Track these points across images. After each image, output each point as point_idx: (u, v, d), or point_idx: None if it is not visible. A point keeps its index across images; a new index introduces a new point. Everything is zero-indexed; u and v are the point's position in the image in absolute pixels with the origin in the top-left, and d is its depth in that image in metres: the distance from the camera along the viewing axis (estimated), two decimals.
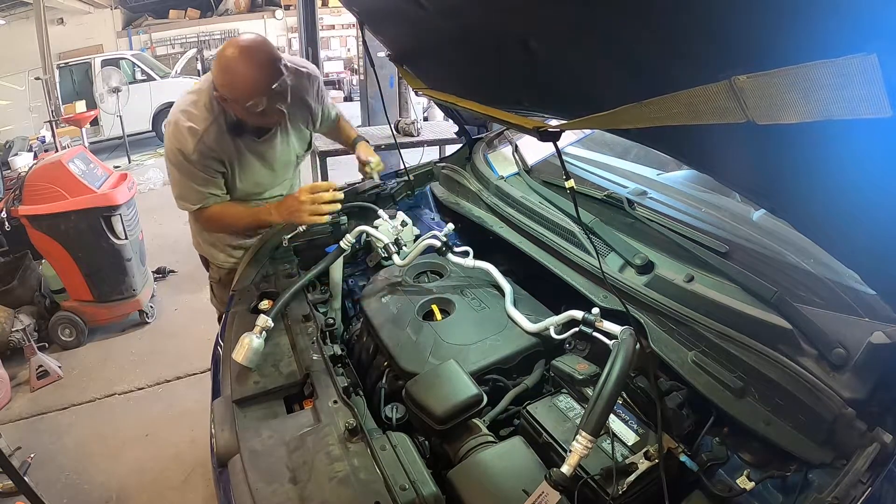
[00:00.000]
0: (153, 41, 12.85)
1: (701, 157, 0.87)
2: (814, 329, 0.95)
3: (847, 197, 0.67)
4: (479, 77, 1.33)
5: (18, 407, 2.96)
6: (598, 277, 1.31)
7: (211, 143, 1.64)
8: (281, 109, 1.55)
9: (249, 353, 1.29)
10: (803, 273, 1.14)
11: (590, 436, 0.90)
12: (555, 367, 1.23)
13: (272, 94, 1.50)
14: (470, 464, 1.05)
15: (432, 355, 1.29)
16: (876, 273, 0.80)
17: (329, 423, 1.11)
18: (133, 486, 2.37)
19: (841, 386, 0.90)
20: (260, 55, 1.49)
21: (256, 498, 0.97)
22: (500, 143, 2.15)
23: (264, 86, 1.48)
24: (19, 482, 1.88)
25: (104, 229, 3.29)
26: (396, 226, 1.75)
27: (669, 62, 0.70)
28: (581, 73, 0.93)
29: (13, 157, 5.88)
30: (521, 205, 1.67)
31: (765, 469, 0.98)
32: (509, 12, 0.92)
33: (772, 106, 0.57)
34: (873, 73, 0.47)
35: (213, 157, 1.66)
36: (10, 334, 3.22)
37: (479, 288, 1.53)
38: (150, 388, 3.06)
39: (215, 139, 1.64)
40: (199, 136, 1.62)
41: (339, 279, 1.76)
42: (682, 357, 1.10)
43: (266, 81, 1.48)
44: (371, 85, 5.80)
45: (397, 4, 1.26)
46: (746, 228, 1.31)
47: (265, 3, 13.71)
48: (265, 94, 1.48)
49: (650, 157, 1.82)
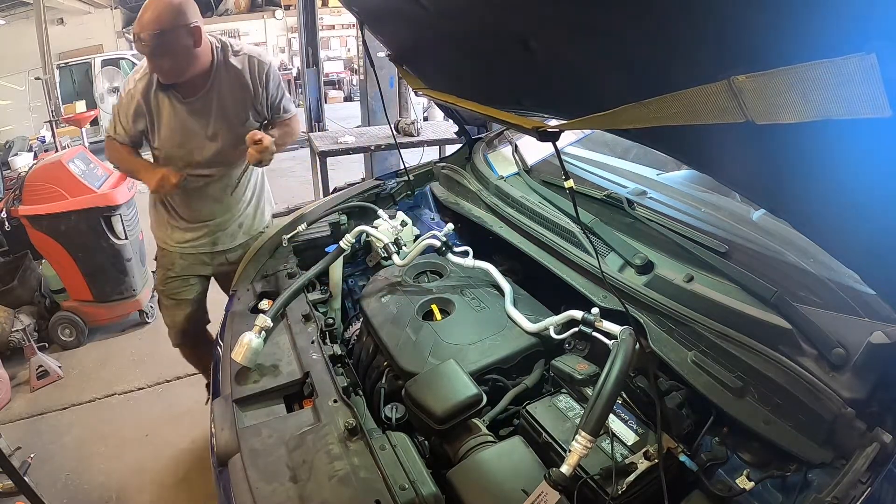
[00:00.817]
0: None
1: (700, 157, 0.87)
2: (814, 329, 0.95)
3: (846, 197, 0.67)
4: (479, 77, 1.33)
5: (18, 407, 2.96)
6: (597, 277, 1.31)
7: (140, 90, 1.81)
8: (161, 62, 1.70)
9: (249, 352, 1.29)
10: (803, 273, 1.14)
11: (589, 436, 0.90)
12: (554, 367, 1.23)
13: (140, 38, 1.67)
14: (469, 464, 1.05)
15: (432, 355, 1.29)
16: (876, 273, 0.80)
17: (329, 422, 1.11)
18: (133, 486, 2.37)
19: (841, 386, 0.90)
20: (159, 3, 1.66)
21: (256, 497, 0.97)
22: (500, 143, 2.15)
23: (138, 25, 1.67)
24: (19, 482, 1.88)
25: (104, 229, 3.29)
26: (396, 226, 1.75)
27: (669, 62, 0.70)
28: (581, 73, 0.93)
29: (13, 157, 5.88)
30: (521, 205, 1.67)
31: (764, 469, 0.98)
32: (509, 12, 0.92)
33: (771, 106, 0.57)
34: (872, 73, 0.47)
35: (136, 104, 1.82)
36: (10, 334, 3.21)
37: (478, 288, 1.53)
38: (150, 388, 3.06)
39: (143, 88, 1.81)
40: (135, 82, 1.82)
41: (339, 279, 1.76)
42: (681, 357, 1.10)
43: (141, 22, 1.66)
44: (371, 85, 5.80)
45: (397, 4, 1.26)
46: (746, 228, 1.31)
47: (265, 3, 13.71)
48: (138, 31, 1.67)
49: (650, 157, 1.82)
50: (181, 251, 2.08)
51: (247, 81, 1.88)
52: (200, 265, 2.13)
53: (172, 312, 2.19)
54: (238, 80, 1.87)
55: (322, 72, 7.32)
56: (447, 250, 1.61)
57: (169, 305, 2.19)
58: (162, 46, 1.66)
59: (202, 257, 2.12)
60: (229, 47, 1.86)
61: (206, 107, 1.85)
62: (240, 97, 1.89)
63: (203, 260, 2.12)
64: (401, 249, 1.69)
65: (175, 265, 2.11)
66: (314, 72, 6.84)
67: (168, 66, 1.72)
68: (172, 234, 2.07)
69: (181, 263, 2.10)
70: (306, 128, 6.49)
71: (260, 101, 1.93)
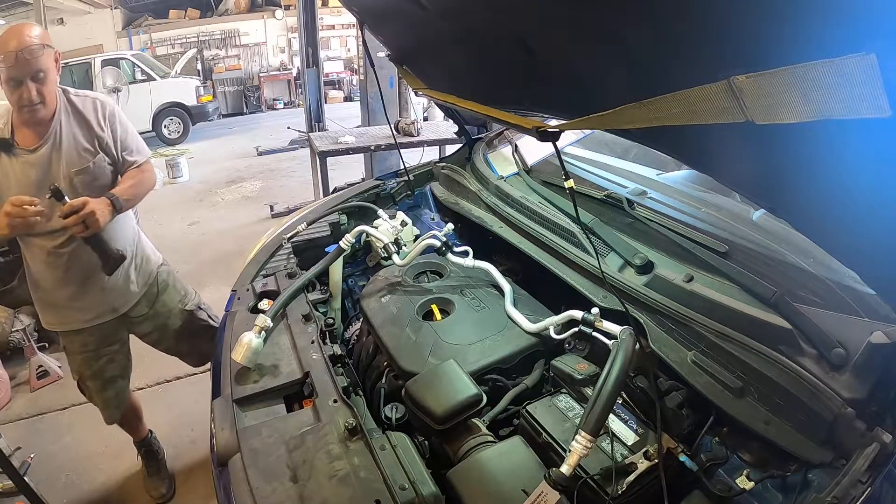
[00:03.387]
0: (153, 41, 12.83)
1: (700, 157, 0.87)
2: (813, 329, 0.95)
3: (846, 197, 0.67)
4: (479, 77, 1.33)
5: (18, 407, 2.96)
6: (597, 277, 1.31)
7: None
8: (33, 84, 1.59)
9: (249, 352, 1.29)
10: (803, 273, 1.14)
11: (589, 435, 0.90)
12: (554, 367, 1.23)
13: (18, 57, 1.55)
14: (469, 463, 1.05)
15: (432, 355, 1.29)
16: (876, 273, 0.80)
17: (329, 422, 1.11)
18: (133, 487, 2.37)
19: (841, 386, 0.90)
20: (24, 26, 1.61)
21: (256, 497, 0.97)
22: (500, 143, 2.15)
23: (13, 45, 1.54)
24: (19, 482, 1.88)
25: None
26: (396, 226, 1.75)
27: (669, 62, 0.70)
28: (581, 73, 0.93)
29: None
30: (521, 205, 1.67)
31: (764, 469, 0.98)
32: (509, 12, 0.92)
33: (771, 106, 0.57)
34: (872, 73, 0.47)
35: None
36: (10, 334, 3.21)
37: (478, 288, 1.53)
38: (150, 388, 3.05)
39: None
40: None
41: (339, 279, 1.76)
42: (681, 357, 1.10)
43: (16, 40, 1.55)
44: (371, 85, 5.80)
45: (397, 4, 1.26)
46: (746, 228, 1.31)
47: (265, 3, 13.70)
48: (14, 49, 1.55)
49: (650, 157, 1.82)
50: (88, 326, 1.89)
51: (89, 119, 1.75)
52: (114, 332, 1.95)
53: (104, 394, 2.01)
54: (81, 118, 1.74)
55: (322, 72, 7.31)
56: (447, 250, 1.61)
57: (97, 388, 1.99)
58: (38, 62, 1.57)
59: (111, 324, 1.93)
60: (69, 90, 1.76)
61: (49, 154, 1.69)
62: (85, 136, 1.74)
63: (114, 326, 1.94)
64: (401, 249, 1.69)
65: (88, 343, 1.91)
66: (314, 72, 6.83)
67: (36, 88, 1.59)
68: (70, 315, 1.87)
69: (94, 340, 1.91)
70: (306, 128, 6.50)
71: (106, 142, 1.77)
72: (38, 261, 1.81)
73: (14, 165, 1.67)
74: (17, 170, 1.67)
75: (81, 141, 1.74)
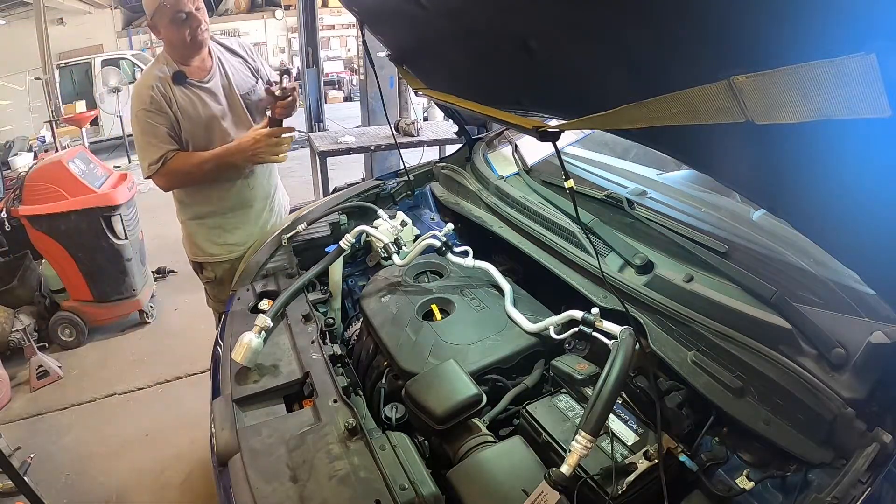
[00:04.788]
0: (153, 41, 12.82)
1: (700, 157, 0.87)
2: (813, 329, 0.95)
3: (846, 197, 0.67)
4: (479, 77, 1.33)
5: (18, 407, 2.96)
6: (597, 277, 1.31)
7: (159, 93, 1.84)
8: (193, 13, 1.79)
9: (248, 352, 1.29)
10: (803, 273, 1.14)
11: (589, 435, 0.90)
12: (554, 367, 1.23)
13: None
14: (469, 463, 1.05)
15: (432, 355, 1.29)
16: (876, 273, 0.80)
17: (329, 422, 1.11)
18: (133, 486, 2.37)
19: (840, 386, 0.90)
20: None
21: (257, 497, 0.97)
22: (500, 143, 2.15)
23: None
24: (19, 482, 1.88)
25: (104, 229, 3.29)
26: (396, 226, 1.75)
27: (669, 62, 0.70)
28: (581, 72, 0.93)
29: (13, 157, 5.89)
30: (521, 205, 1.67)
31: (764, 469, 0.98)
32: (509, 12, 0.92)
33: (770, 106, 0.57)
34: (872, 73, 0.47)
35: (162, 108, 1.84)
36: (10, 334, 3.22)
37: (478, 288, 1.53)
38: (150, 389, 3.06)
39: (162, 91, 1.85)
40: (151, 87, 1.84)
41: (339, 279, 1.76)
42: (681, 357, 1.10)
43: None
44: (371, 85, 5.80)
45: (397, 4, 1.26)
46: (746, 228, 1.31)
47: (265, 3, 13.71)
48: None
49: (650, 157, 1.82)
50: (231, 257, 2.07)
51: (239, 52, 2.05)
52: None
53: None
54: (231, 52, 2.03)
55: (322, 72, 7.32)
56: (447, 250, 1.61)
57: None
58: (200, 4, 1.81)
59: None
60: (213, 35, 2.01)
61: (220, 83, 1.95)
62: (242, 64, 2.03)
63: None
64: (401, 249, 1.69)
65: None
66: (314, 72, 6.84)
67: (202, 29, 1.83)
68: (232, 248, 2.08)
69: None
70: (306, 128, 6.50)
71: (258, 68, 2.07)
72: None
73: (192, 96, 1.89)
74: (198, 99, 1.90)
75: (241, 69, 2.04)
